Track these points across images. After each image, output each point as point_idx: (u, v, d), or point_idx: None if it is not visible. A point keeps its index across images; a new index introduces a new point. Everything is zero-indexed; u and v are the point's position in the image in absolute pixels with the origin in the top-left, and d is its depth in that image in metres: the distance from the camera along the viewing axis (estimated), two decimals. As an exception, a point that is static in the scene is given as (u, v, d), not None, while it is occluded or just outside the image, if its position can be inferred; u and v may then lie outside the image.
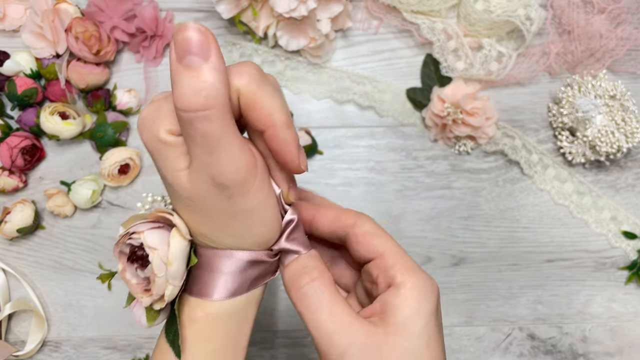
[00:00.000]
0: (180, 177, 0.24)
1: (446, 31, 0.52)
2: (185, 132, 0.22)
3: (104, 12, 0.50)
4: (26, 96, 0.49)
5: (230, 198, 0.24)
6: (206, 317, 0.26)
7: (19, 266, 0.52)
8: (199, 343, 0.26)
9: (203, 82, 0.20)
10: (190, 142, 0.22)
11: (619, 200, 0.54)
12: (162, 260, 0.25)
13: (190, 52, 0.20)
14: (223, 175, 0.23)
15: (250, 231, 0.25)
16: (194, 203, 0.24)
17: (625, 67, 0.54)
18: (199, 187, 0.23)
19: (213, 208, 0.24)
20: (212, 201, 0.24)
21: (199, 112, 0.21)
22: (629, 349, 0.54)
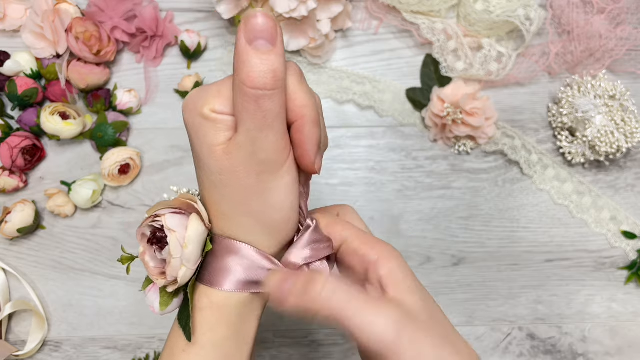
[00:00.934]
0: (217, 151, 0.25)
1: (446, 31, 0.52)
2: (245, 108, 0.24)
3: (104, 13, 0.50)
4: (26, 96, 0.49)
5: (260, 175, 0.25)
6: (212, 306, 0.27)
7: (19, 266, 0.52)
8: (204, 331, 0.27)
9: (272, 64, 0.23)
10: (245, 118, 0.24)
11: (619, 200, 0.54)
12: (179, 242, 0.26)
13: (260, 36, 0.23)
14: (265, 151, 0.24)
15: (268, 213, 0.26)
16: (222, 177, 0.26)
17: (624, 67, 0.54)
18: (235, 160, 0.25)
19: (239, 184, 0.26)
20: (241, 176, 0.25)
21: (267, 91, 0.23)
22: (628, 349, 0.54)
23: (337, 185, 0.53)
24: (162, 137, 0.53)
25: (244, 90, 0.23)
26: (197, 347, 0.27)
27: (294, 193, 0.27)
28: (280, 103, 0.24)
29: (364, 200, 0.53)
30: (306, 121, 0.25)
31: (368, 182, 0.53)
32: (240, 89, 0.23)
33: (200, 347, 0.27)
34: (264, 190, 0.26)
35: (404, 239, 0.53)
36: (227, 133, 0.25)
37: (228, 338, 0.27)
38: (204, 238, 0.27)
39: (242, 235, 0.27)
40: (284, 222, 0.27)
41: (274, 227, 0.27)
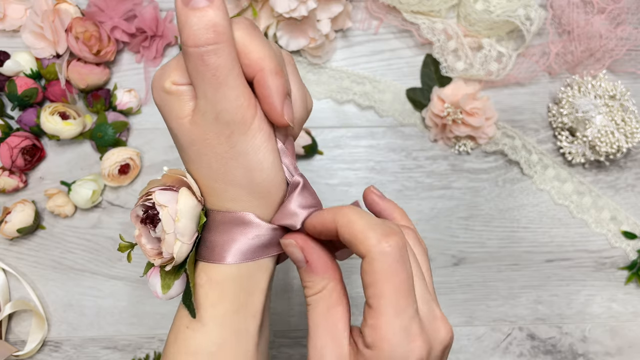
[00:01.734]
0: (185, 123, 0.25)
1: (446, 31, 0.52)
2: (195, 70, 0.23)
3: (104, 12, 0.50)
4: (26, 96, 0.49)
5: (230, 137, 0.25)
6: (210, 281, 0.27)
7: (19, 266, 0.52)
8: (205, 307, 0.27)
9: (211, 19, 0.23)
10: (199, 81, 0.24)
11: (619, 200, 0.54)
12: (172, 216, 0.26)
13: None
14: (228, 112, 0.24)
15: (249, 177, 0.26)
16: (196, 148, 0.25)
17: (625, 67, 0.54)
18: (201, 128, 0.25)
19: (213, 152, 0.25)
20: (213, 143, 0.25)
21: (210, 46, 0.23)
22: (628, 349, 0.54)
23: (337, 185, 0.53)
24: (162, 137, 0.53)
25: (189, 51, 0.23)
26: (200, 323, 0.27)
27: (271, 151, 0.26)
28: (228, 58, 0.23)
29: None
30: (265, 73, 0.24)
31: (368, 182, 0.53)
32: (185, 52, 0.23)
33: (202, 323, 0.27)
34: (239, 153, 0.25)
35: (404, 239, 0.53)
36: (190, 103, 0.25)
37: (232, 312, 0.27)
38: (197, 211, 0.27)
39: (234, 206, 0.26)
40: (269, 182, 0.26)
41: (261, 191, 0.26)
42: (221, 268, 0.27)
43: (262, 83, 0.24)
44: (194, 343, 0.27)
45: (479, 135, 0.52)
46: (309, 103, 0.29)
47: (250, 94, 0.25)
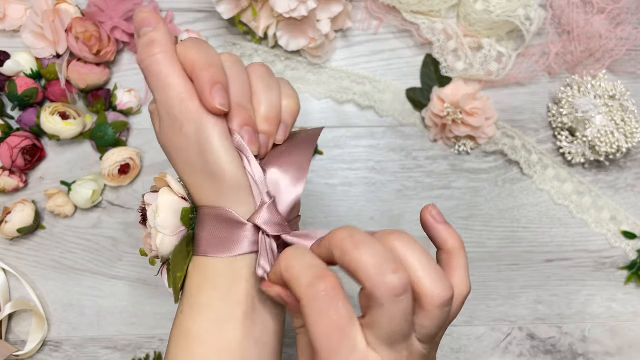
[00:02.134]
0: (158, 134, 0.30)
1: (446, 31, 0.52)
2: (147, 81, 0.29)
3: (104, 13, 0.50)
4: (26, 96, 0.49)
5: (182, 129, 0.28)
6: (196, 270, 0.30)
7: (19, 266, 0.52)
8: (192, 294, 0.30)
9: (151, 37, 0.28)
10: (151, 90, 0.29)
11: (619, 200, 0.54)
12: (154, 212, 0.30)
13: (140, 26, 0.29)
14: (172, 107, 0.28)
15: (203, 159, 0.29)
16: (170, 151, 0.30)
17: (624, 67, 0.54)
18: (164, 131, 0.29)
19: (178, 147, 0.29)
20: (174, 140, 0.29)
21: (151, 58, 0.28)
22: (628, 349, 0.54)
23: (337, 185, 0.53)
24: (162, 137, 0.53)
25: (141, 68, 0.29)
26: (189, 308, 0.30)
27: (218, 133, 0.28)
28: (167, 64, 0.28)
29: (364, 200, 0.53)
30: (195, 69, 0.28)
31: (368, 182, 0.53)
32: (141, 70, 0.29)
33: (191, 308, 0.29)
34: (194, 141, 0.28)
35: (404, 239, 0.53)
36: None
37: (217, 299, 0.29)
38: (179, 207, 0.30)
39: (211, 199, 0.30)
40: (220, 162, 0.28)
41: (215, 172, 0.29)
42: (205, 259, 0.30)
43: (193, 77, 0.28)
44: (185, 326, 0.29)
45: (479, 135, 0.52)
46: (289, 106, 0.32)
47: (192, 89, 0.29)
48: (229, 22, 0.53)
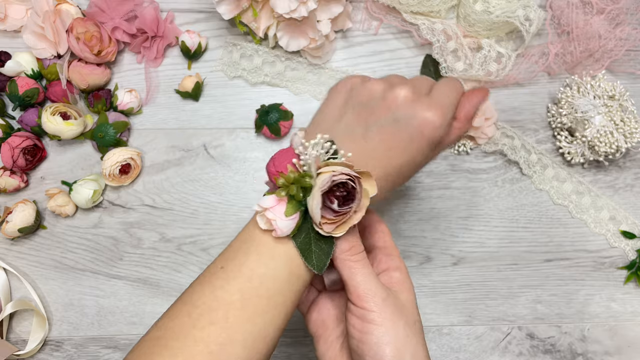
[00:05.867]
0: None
1: (446, 32, 0.52)
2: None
3: (105, 13, 0.50)
4: (27, 96, 0.49)
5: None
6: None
7: (20, 266, 0.52)
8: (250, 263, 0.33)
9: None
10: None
11: (618, 200, 0.55)
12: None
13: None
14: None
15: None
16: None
17: (624, 68, 0.54)
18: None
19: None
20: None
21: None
22: (627, 349, 0.54)
23: (337, 185, 0.53)
24: (163, 137, 0.53)
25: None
26: (232, 272, 0.33)
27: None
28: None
29: (364, 200, 0.53)
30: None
31: (368, 182, 0.54)
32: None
33: (235, 271, 0.33)
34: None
35: (404, 239, 0.53)
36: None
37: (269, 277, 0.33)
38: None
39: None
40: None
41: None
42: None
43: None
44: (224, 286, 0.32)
45: (478, 135, 0.52)
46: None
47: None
48: (229, 23, 0.53)
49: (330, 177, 0.31)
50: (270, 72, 0.53)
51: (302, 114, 0.53)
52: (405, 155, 0.34)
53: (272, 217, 0.31)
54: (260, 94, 0.54)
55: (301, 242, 0.33)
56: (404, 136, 0.33)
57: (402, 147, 0.34)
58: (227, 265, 0.32)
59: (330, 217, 0.32)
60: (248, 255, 0.32)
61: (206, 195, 0.53)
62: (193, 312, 0.31)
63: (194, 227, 0.52)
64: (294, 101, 0.54)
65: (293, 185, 0.32)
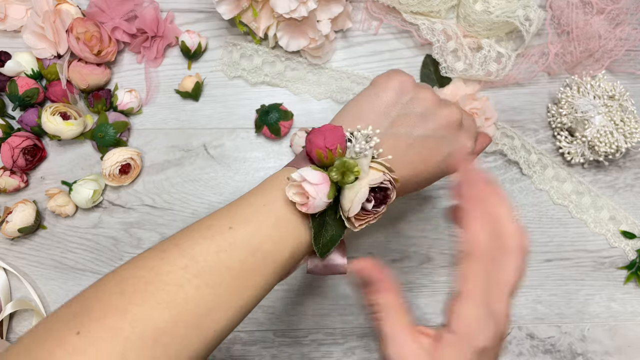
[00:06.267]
0: None
1: (445, 32, 0.52)
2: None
3: (105, 13, 0.50)
4: (27, 96, 0.49)
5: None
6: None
7: (20, 266, 0.52)
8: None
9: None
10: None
11: (618, 200, 0.55)
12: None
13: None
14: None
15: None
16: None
17: (624, 68, 0.54)
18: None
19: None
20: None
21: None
22: (627, 348, 0.54)
23: (337, 185, 0.53)
24: (163, 137, 0.53)
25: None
26: (239, 231, 0.32)
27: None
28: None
29: (364, 200, 0.53)
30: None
31: (368, 182, 0.54)
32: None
33: (241, 231, 0.32)
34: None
35: (404, 239, 0.53)
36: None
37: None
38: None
39: None
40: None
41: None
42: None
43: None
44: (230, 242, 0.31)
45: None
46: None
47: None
48: (229, 23, 0.53)
49: (382, 178, 0.32)
50: (270, 72, 0.53)
51: (302, 114, 0.53)
52: (433, 170, 0.37)
53: (312, 193, 0.31)
54: (260, 94, 0.54)
55: (317, 223, 0.33)
56: (442, 152, 0.36)
57: (435, 163, 0.36)
58: (237, 229, 0.31)
59: (360, 215, 0.32)
60: (261, 226, 0.32)
61: (206, 195, 0.53)
62: (191, 266, 0.29)
63: (194, 227, 0.52)
64: (294, 101, 0.54)
65: (344, 170, 0.32)
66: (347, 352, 0.53)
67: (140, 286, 0.28)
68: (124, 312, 0.27)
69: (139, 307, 0.27)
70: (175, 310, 0.28)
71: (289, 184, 0.32)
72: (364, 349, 0.53)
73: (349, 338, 0.53)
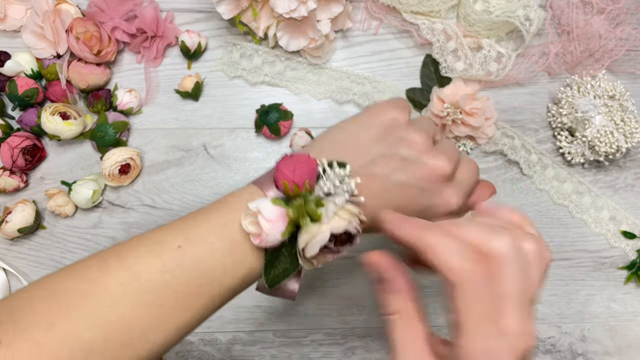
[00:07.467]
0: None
1: (446, 32, 0.52)
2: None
3: (105, 13, 0.50)
4: (27, 96, 0.49)
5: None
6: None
7: (19, 266, 0.52)
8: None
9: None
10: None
11: (618, 200, 0.54)
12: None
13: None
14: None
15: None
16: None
17: (624, 68, 0.54)
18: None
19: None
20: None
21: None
22: (628, 349, 0.54)
23: (337, 185, 0.53)
24: (163, 137, 0.53)
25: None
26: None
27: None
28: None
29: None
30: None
31: (368, 182, 0.54)
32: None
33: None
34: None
35: (404, 239, 0.53)
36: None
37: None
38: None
39: None
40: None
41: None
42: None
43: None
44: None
45: (478, 135, 0.52)
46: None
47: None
48: (229, 23, 0.53)
49: (346, 227, 0.29)
50: (270, 72, 0.53)
51: (302, 114, 0.53)
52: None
53: (265, 229, 0.29)
54: (260, 94, 0.54)
55: (269, 255, 0.30)
56: (420, 204, 0.33)
57: (410, 212, 0.32)
58: (187, 249, 0.29)
59: (319, 254, 0.30)
60: (214, 250, 0.29)
61: (206, 195, 0.53)
62: (131, 283, 0.27)
63: (194, 227, 0.52)
64: (294, 101, 0.54)
65: (302, 212, 0.29)
66: (347, 352, 0.53)
67: (73, 299, 0.26)
68: (53, 326, 0.25)
69: (69, 323, 0.26)
70: (107, 329, 0.26)
71: (245, 212, 0.30)
72: (364, 349, 0.53)
73: (349, 338, 0.53)
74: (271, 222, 0.29)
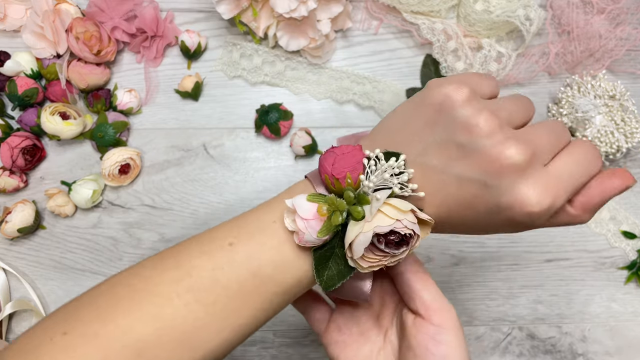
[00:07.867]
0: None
1: (446, 31, 0.52)
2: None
3: (105, 13, 0.50)
4: (27, 96, 0.49)
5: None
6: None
7: (19, 266, 0.52)
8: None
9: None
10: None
11: (618, 201, 0.54)
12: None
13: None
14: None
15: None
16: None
17: (624, 67, 0.54)
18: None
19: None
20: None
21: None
22: (628, 349, 0.54)
23: (337, 185, 0.53)
24: (162, 137, 0.53)
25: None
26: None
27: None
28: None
29: (364, 200, 0.53)
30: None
31: (368, 182, 0.53)
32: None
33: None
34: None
35: (404, 239, 0.53)
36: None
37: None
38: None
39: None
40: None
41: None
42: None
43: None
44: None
45: (478, 135, 0.52)
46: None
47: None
48: (229, 22, 0.53)
49: (393, 226, 0.25)
50: (270, 71, 0.53)
51: (302, 113, 0.53)
52: (473, 222, 0.27)
53: (301, 228, 0.27)
54: (260, 94, 0.54)
55: (321, 254, 0.28)
56: (485, 206, 0.26)
57: (475, 216, 0.27)
58: (237, 246, 0.28)
59: (371, 256, 0.27)
60: (262, 247, 0.28)
61: (206, 195, 0.53)
62: (184, 280, 0.27)
63: (194, 227, 0.52)
64: (294, 101, 0.53)
65: (338, 211, 0.27)
66: (347, 353, 0.53)
67: (129, 295, 0.27)
68: (109, 319, 0.26)
69: (124, 317, 0.26)
70: (159, 324, 0.26)
71: (287, 210, 0.28)
72: (364, 349, 0.53)
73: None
74: (306, 221, 0.27)
